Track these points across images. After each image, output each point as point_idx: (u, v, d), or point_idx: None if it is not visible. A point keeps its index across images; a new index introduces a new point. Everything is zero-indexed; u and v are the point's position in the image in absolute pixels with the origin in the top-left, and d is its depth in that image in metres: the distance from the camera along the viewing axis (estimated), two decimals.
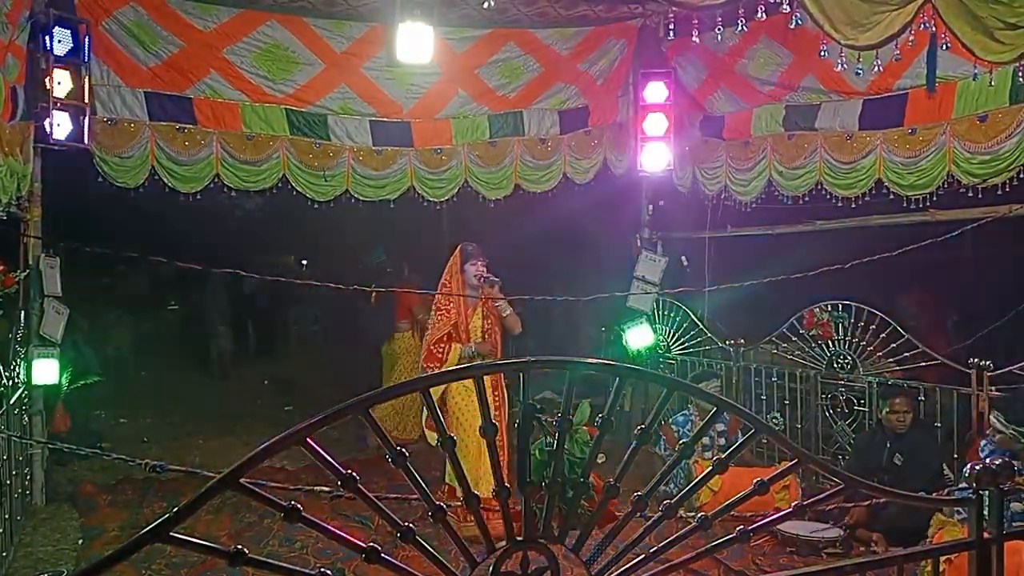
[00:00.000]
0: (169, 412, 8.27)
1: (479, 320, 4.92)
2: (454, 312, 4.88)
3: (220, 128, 5.76)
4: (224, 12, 5.70)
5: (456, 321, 4.87)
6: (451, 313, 4.88)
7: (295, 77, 5.92)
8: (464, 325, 4.88)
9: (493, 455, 1.53)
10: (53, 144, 5.07)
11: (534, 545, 1.50)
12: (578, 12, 6.34)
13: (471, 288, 4.93)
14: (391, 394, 1.59)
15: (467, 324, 4.89)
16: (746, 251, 6.60)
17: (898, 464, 4.63)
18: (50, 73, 4.98)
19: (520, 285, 6.08)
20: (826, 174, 5.76)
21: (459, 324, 4.87)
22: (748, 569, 4.18)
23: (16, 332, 5.08)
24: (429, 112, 6.28)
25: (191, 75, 5.69)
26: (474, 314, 4.93)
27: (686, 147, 6.71)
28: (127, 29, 5.47)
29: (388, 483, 5.26)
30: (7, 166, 4.45)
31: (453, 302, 4.88)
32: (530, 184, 6.59)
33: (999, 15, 3.78)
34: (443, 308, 4.92)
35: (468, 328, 4.88)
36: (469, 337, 4.86)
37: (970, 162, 4.99)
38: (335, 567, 3.90)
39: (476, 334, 4.89)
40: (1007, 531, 1.76)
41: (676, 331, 6.68)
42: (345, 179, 6.07)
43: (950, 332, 6.93)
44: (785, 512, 1.71)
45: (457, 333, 4.87)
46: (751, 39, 5.90)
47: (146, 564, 4.05)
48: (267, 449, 1.31)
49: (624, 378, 1.56)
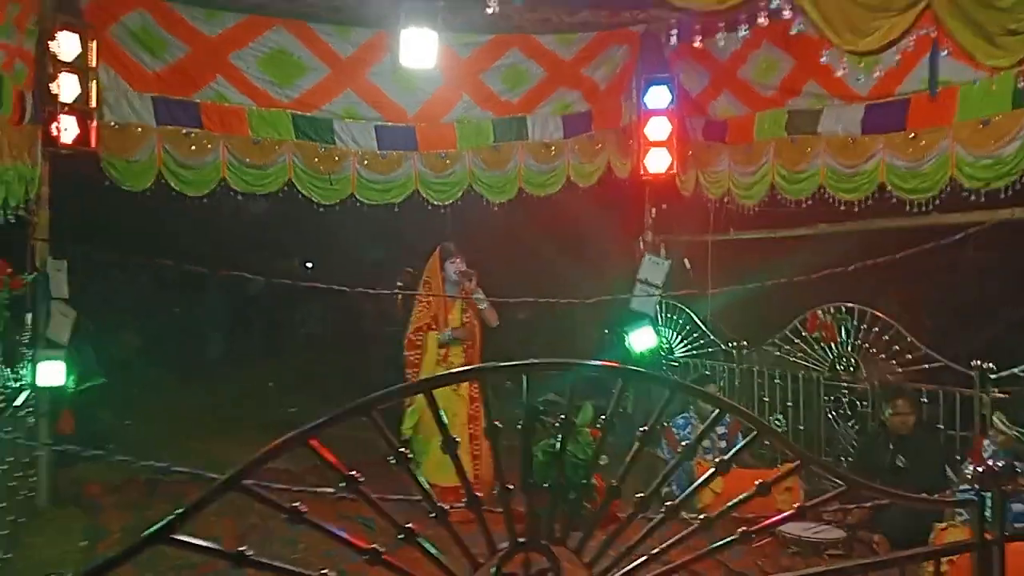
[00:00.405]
0: (174, 414, 8.28)
1: (458, 313, 5.43)
2: (434, 305, 5.40)
3: (226, 133, 5.79)
4: (230, 18, 5.73)
5: (435, 313, 5.37)
6: (431, 306, 5.40)
7: (301, 82, 5.95)
8: (443, 317, 5.39)
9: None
10: (60, 148, 5.11)
11: (536, 546, 1.51)
12: (581, 18, 6.35)
13: (451, 284, 5.42)
14: (395, 396, 1.61)
15: (446, 316, 5.40)
16: (749, 254, 6.61)
17: (901, 466, 4.63)
18: (57, 78, 5.01)
19: (523, 287, 6.10)
20: (829, 178, 5.76)
21: (438, 316, 5.38)
22: (750, 570, 4.18)
23: (23, 334, 5.11)
24: (434, 117, 6.30)
25: (198, 80, 5.72)
26: (454, 307, 5.43)
27: (689, 151, 6.73)
28: (134, 35, 5.50)
29: (391, 485, 5.29)
30: (15, 170, 4.48)
31: (433, 297, 5.39)
32: (534, 188, 6.61)
33: (999, 21, 3.80)
34: (423, 301, 5.44)
35: (447, 320, 5.39)
36: (448, 327, 5.35)
37: (973, 166, 4.99)
38: (338, 569, 3.91)
39: (456, 325, 5.39)
40: (1009, 533, 1.77)
41: (679, 334, 6.68)
42: (350, 183, 6.10)
43: (950, 333, 6.92)
44: (787, 514, 1.72)
45: (436, 324, 5.36)
46: (753, 44, 5.92)
47: (150, 566, 4.06)
48: (271, 451, 1.32)
49: (627, 380, 1.57)
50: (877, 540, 4.43)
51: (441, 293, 5.40)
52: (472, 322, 5.44)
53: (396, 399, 1.52)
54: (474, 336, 5.44)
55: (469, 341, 5.41)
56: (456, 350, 5.38)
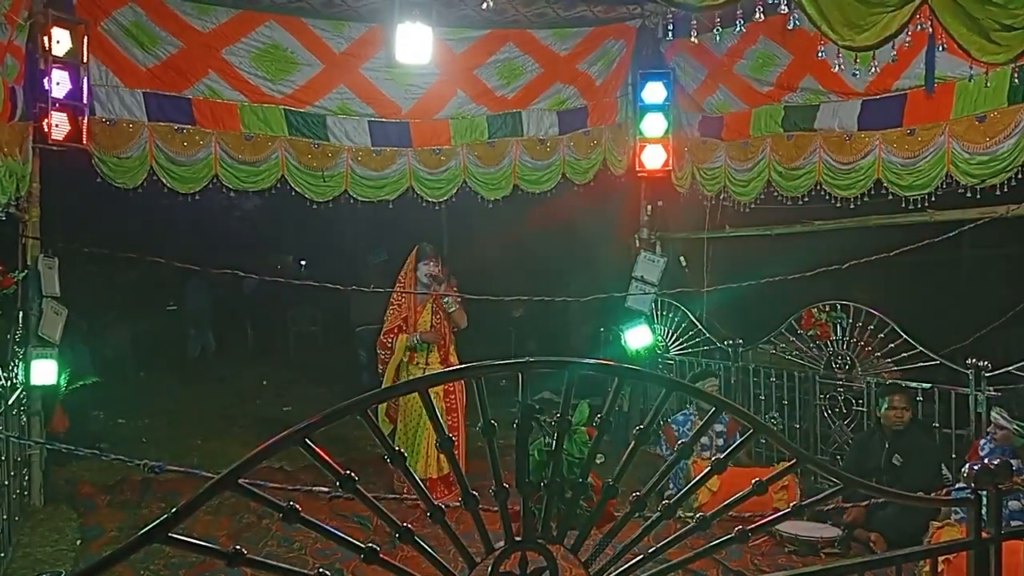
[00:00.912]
0: (167, 412, 8.26)
1: (428, 315, 5.43)
2: (405, 307, 5.43)
3: (219, 128, 5.75)
4: (223, 13, 5.70)
5: (406, 315, 5.40)
6: (402, 307, 5.43)
7: (294, 77, 5.92)
8: (413, 319, 5.40)
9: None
10: (52, 144, 5.07)
11: (533, 545, 1.50)
12: (577, 13, 6.34)
13: (422, 286, 5.43)
14: (390, 394, 1.59)
15: (416, 318, 5.40)
16: (744, 251, 6.61)
17: (896, 465, 4.63)
18: (49, 73, 4.97)
19: (518, 285, 6.09)
20: (825, 175, 5.76)
21: (408, 318, 5.40)
22: (747, 569, 4.18)
23: (15, 332, 5.08)
24: (428, 112, 6.28)
25: (190, 76, 5.68)
26: (424, 309, 5.43)
27: (685, 147, 6.72)
28: (126, 30, 5.46)
29: (386, 483, 5.28)
30: (6, 166, 4.45)
31: (405, 298, 5.42)
32: (529, 184, 6.59)
33: (995, 16, 3.79)
34: (395, 303, 5.47)
35: (417, 322, 5.40)
36: (417, 329, 5.38)
37: (969, 163, 5.00)
38: (334, 568, 3.90)
39: (426, 327, 5.40)
40: (1005, 531, 1.76)
41: (675, 331, 6.68)
42: (344, 179, 6.07)
43: (945, 331, 6.94)
44: (784, 512, 1.71)
45: (407, 326, 5.38)
46: (750, 39, 5.91)
47: (144, 565, 4.05)
48: (266, 449, 1.31)
49: (623, 378, 1.56)
50: (874, 539, 4.44)
51: (412, 293, 5.40)
52: (442, 323, 5.44)
53: (390, 397, 1.50)
54: (444, 338, 5.43)
55: (440, 342, 5.40)
56: (429, 353, 5.38)
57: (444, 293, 5.44)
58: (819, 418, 5.64)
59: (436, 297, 5.41)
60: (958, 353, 5.28)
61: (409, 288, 5.43)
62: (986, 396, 4.65)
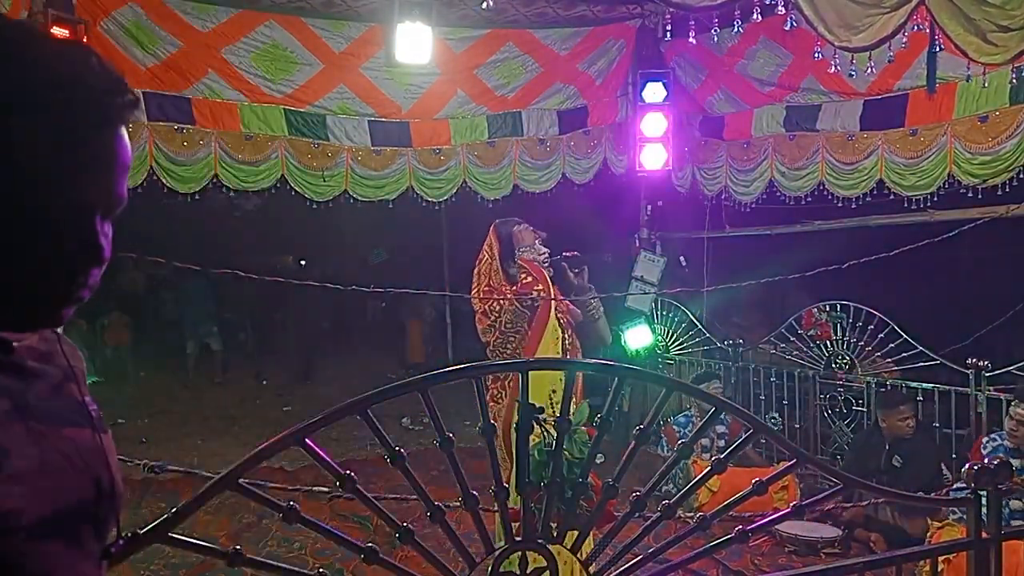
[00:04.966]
0: (167, 412, 8.26)
1: (553, 336, 3.16)
2: (511, 331, 3.17)
3: (218, 128, 5.74)
4: (222, 12, 5.69)
5: (515, 347, 3.11)
6: (506, 333, 3.18)
7: (294, 77, 5.91)
8: (532, 348, 3.09)
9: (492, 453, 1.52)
10: None
11: (533, 545, 1.50)
12: (577, 12, 6.34)
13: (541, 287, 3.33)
14: (390, 394, 1.59)
15: (534, 347, 3.07)
16: (744, 251, 6.61)
17: (896, 466, 4.63)
18: None
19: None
20: (828, 175, 5.76)
21: (518, 349, 3.11)
22: (746, 569, 4.18)
23: None
24: (428, 112, 6.27)
25: (189, 75, 5.68)
26: (544, 328, 3.18)
27: (685, 147, 6.72)
28: (125, 29, 5.46)
29: (386, 484, 5.27)
30: None
31: (504, 315, 3.21)
32: (529, 184, 6.59)
33: (992, 17, 3.79)
34: (494, 327, 3.24)
35: (536, 352, 3.07)
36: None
37: (971, 163, 5.00)
38: (333, 567, 3.90)
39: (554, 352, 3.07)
40: (1005, 531, 1.76)
41: (675, 331, 6.68)
42: (344, 179, 6.07)
43: (946, 331, 6.94)
44: (784, 512, 1.71)
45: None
46: (750, 39, 5.90)
47: (144, 565, 4.05)
48: (266, 450, 1.31)
49: (623, 379, 1.56)
50: (874, 539, 4.44)
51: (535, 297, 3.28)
52: (573, 345, 3.26)
53: (391, 397, 1.50)
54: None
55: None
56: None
57: (581, 296, 3.44)
58: (819, 418, 5.64)
59: (559, 301, 3.30)
60: (958, 353, 5.28)
61: (501, 296, 3.24)
62: (986, 396, 4.65)
